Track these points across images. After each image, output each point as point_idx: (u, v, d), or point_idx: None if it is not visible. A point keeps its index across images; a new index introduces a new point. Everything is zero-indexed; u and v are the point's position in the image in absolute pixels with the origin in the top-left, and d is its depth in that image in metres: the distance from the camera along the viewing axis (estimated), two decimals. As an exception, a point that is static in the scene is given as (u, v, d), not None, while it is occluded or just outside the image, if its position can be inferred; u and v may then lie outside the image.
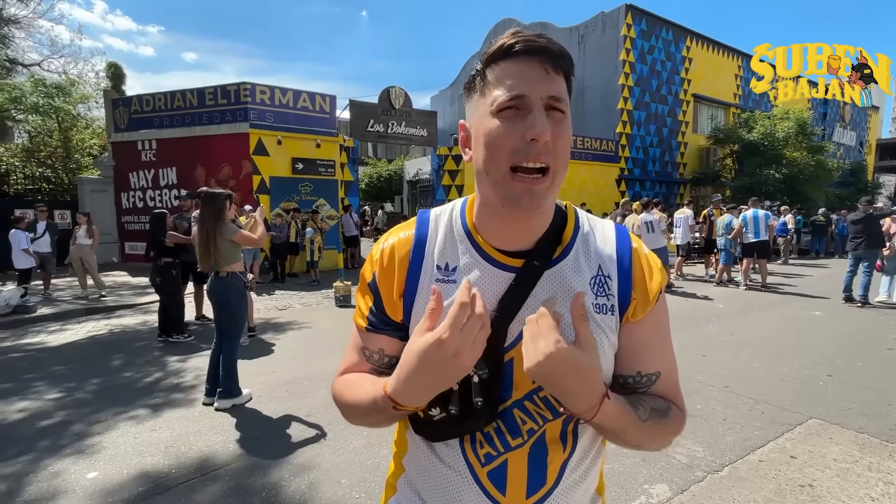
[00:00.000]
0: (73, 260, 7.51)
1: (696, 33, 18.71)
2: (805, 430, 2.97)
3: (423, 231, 0.71)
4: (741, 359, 4.39)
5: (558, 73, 0.60)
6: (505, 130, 0.59)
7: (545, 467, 0.66)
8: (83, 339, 5.43)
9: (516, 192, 0.60)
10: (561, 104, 0.60)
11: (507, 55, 0.60)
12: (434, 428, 0.65)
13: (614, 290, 0.67)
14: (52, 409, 3.38)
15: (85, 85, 15.37)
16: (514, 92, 0.58)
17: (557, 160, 0.60)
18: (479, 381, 0.62)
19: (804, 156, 16.81)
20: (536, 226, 0.67)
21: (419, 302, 0.67)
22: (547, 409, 0.66)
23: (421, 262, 0.69)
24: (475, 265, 0.67)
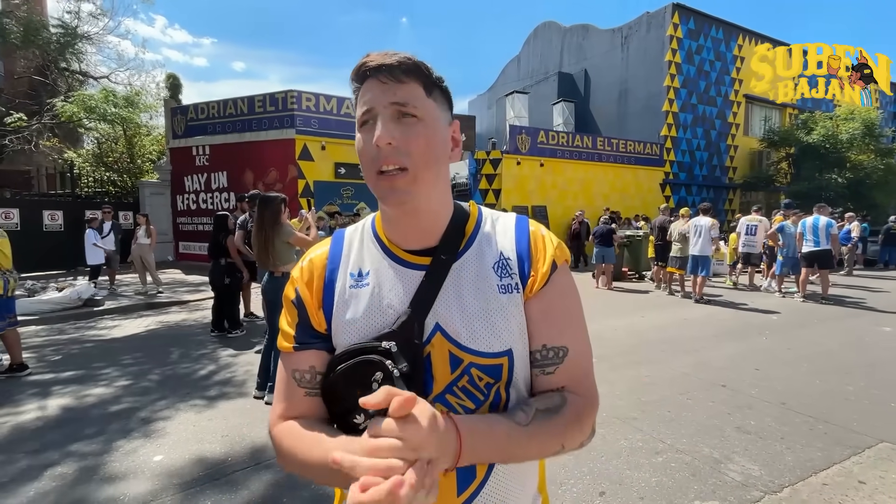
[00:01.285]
0: (134, 258, 8.08)
1: (748, 31, 17.83)
2: (875, 454, 2.76)
3: (338, 246, 0.76)
4: (800, 374, 4.14)
5: (403, 81, 0.64)
6: (363, 142, 0.66)
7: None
8: (144, 331, 5.83)
9: (383, 190, 0.65)
10: (408, 108, 0.64)
11: (362, 78, 0.66)
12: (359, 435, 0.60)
13: (515, 268, 0.71)
14: (120, 396, 3.66)
15: (147, 95, 16.54)
16: (364, 107, 0.65)
17: (414, 159, 0.64)
18: (401, 376, 0.61)
19: (872, 159, 15.63)
20: (433, 223, 0.71)
21: (336, 311, 0.70)
22: (468, 399, 0.67)
23: (336, 274, 0.73)
24: (385, 267, 0.71)
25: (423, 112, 0.65)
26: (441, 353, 0.67)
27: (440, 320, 0.67)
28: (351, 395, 0.62)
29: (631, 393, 3.64)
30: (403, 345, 0.64)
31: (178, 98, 18.16)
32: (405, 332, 0.66)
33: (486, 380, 0.67)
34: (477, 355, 0.67)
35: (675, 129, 16.51)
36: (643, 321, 6.28)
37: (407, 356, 0.64)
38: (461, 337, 0.67)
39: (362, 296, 0.70)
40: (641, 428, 3.05)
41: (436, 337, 0.67)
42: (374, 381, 0.62)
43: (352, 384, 0.64)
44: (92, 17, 15.29)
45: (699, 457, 2.68)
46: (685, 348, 4.96)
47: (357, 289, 0.71)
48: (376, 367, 0.62)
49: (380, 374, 0.62)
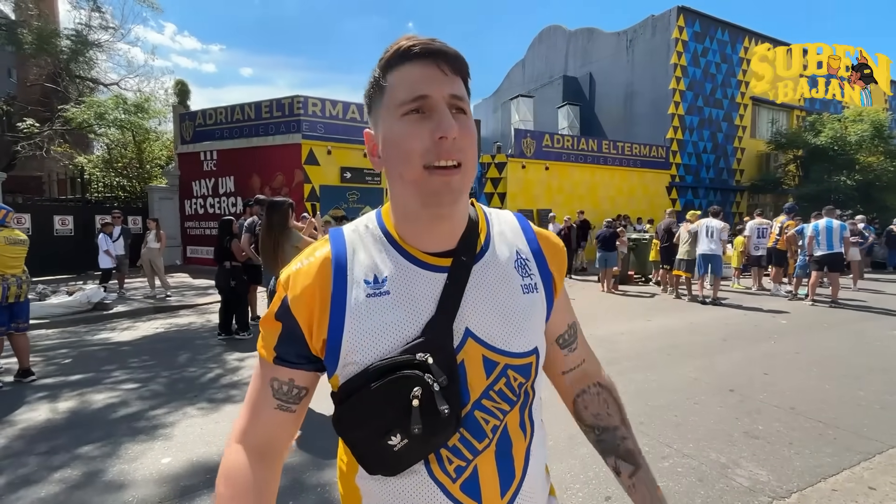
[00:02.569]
0: (143, 262, 8.18)
1: (754, 33, 17.77)
2: (886, 459, 2.72)
3: (341, 248, 0.66)
4: (809, 379, 4.09)
5: (456, 74, 0.61)
6: (413, 132, 0.59)
7: (512, 460, 0.66)
8: (152, 335, 5.88)
9: (434, 187, 0.59)
10: (462, 103, 0.61)
11: (405, 58, 0.60)
12: (395, 459, 0.60)
13: (534, 269, 0.72)
14: (129, 398, 3.70)
15: (156, 101, 16.78)
16: (416, 93, 0.59)
17: (467, 156, 0.61)
18: (441, 389, 0.58)
19: (881, 161, 15.46)
20: (456, 224, 0.67)
21: (351, 323, 0.62)
22: (504, 401, 0.65)
23: (345, 281, 0.63)
24: (405, 271, 0.65)
25: (469, 109, 0.64)
26: (475, 358, 0.64)
27: (469, 324, 0.64)
28: (385, 415, 0.59)
29: (638, 397, 3.61)
30: (438, 354, 0.60)
31: (187, 104, 18.37)
32: (437, 341, 0.61)
33: (520, 380, 0.67)
34: (512, 356, 0.66)
35: (682, 132, 16.44)
36: (650, 325, 6.25)
37: (443, 367, 0.60)
38: (494, 339, 0.65)
39: (383, 305, 0.63)
40: (648, 433, 3.03)
41: (468, 343, 0.64)
42: (413, 398, 0.58)
43: (389, 403, 0.59)
44: (102, 28, 15.55)
45: (706, 462, 2.66)
46: (693, 352, 4.92)
47: (376, 297, 0.63)
48: (414, 382, 0.58)
49: (418, 388, 0.58)
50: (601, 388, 0.82)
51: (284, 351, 0.65)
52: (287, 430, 0.67)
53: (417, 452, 0.61)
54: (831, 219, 7.66)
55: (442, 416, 0.58)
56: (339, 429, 0.62)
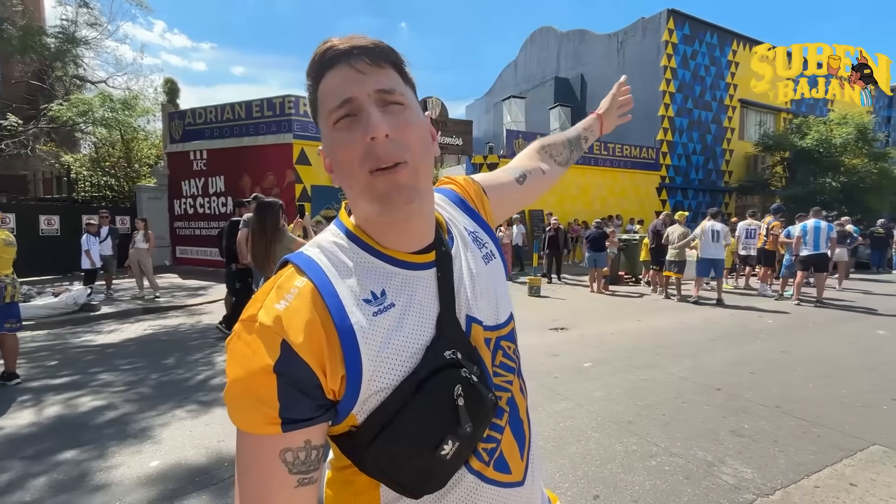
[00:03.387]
0: (131, 262, 8.09)
1: (743, 36, 18.02)
2: (867, 456, 2.79)
3: (318, 273, 0.57)
4: (794, 378, 4.16)
5: (380, 66, 0.57)
6: (345, 140, 0.56)
7: (521, 423, 0.70)
8: (141, 336, 5.82)
9: (383, 191, 0.56)
10: (394, 96, 0.57)
11: (325, 66, 0.57)
12: (447, 468, 0.58)
13: (484, 237, 0.75)
14: (117, 401, 3.66)
15: (145, 99, 16.56)
16: (339, 99, 0.56)
17: (412, 151, 0.57)
18: (479, 379, 0.59)
19: (865, 163, 15.76)
20: (427, 219, 0.64)
21: (366, 348, 0.54)
22: (507, 371, 0.69)
23: (341, 306, 0.55)
24: (399, 278, 0.61)
25: (407, 99, 0.59)
26: (479, 341, 0.65)
27: (468, 311, 0.65)
28: (435, 426, 0.55)
29: (628, 397, 3.65)
30: (460, 347, 0.60)
31: (176, 103, 18.18)
32: (453, 334, 0.60)
33: (512, 346, 0.70)
34: (499, 328, 0.69)
35: (671, 134, 16.63)
36: (640, 325, 6.31)
37: (469, 357, 0.60)
38: (486, 318, 0.67)
39: (392, 320, 0.57)
40: (637, 432, 3.06)
41: (472, 327, 0.64)
42: (458, 397, 0.55)
43: (436, 411, 0.56)
44: (88, 25, 15.32)
45: (693, 460, 2.70)
46: (682, 352, 4.98)
47: (382, 314, 0.57)
48: (453, 381, 0.56)
49: (459, 387, 0.56)
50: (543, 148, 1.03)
51: (295, 410, 0.51)
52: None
53: (465, 452, 0.59)
54: (819, 220, 7.80)
55: (486, 406, 0.59)
56: (377, 466, 0.55)
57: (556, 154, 1.03)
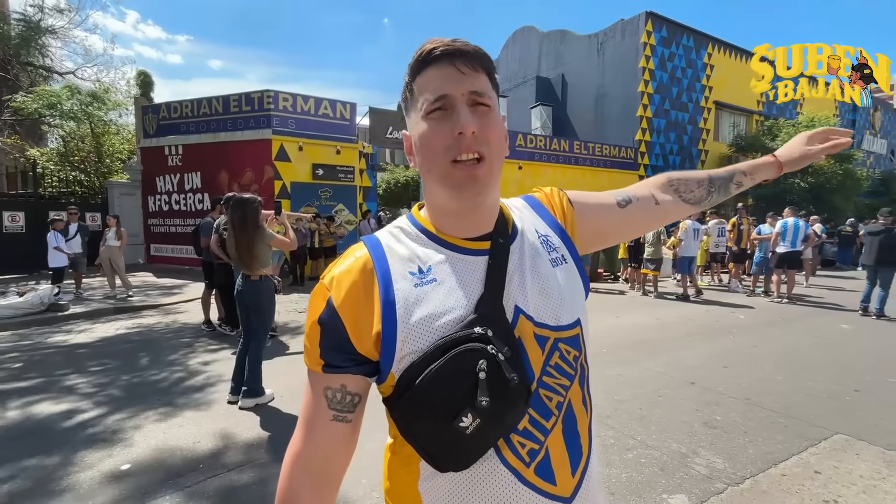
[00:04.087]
0: (102, 260, 7.80)
1: (717, 40, 18.46)
2: (830, 445, 2.91)
3: (378, 248, 0.68)
4: (764, 371, 4.31)
5: (477, 70, 0.64)
6: (436, 130, 0.63)
7: (578, 437, 0.68)
8: (112, 336, 5.63)
9: (459, 180, 0.63)
10: (484, 98, 0.64)
11: (427, 62, 0.64)
12: (468, 445, 0.59)
13: (557, 242, 0.75)
14: (86, 404, 3.53)
15: (116, 92, 16.00)
16: (437, 94, 0.63)
17: (491, 148, 0.64)
18: (507, 359, 0.59)
19: (831, 164, 16.36)
20: (489, 211, 0.70)
21: (403, 314, 0.62)
22: (563, 376, 0.67)
23: (389, 277, 0.65)
24: (447, 259, 0.67)
25: (493, 103, 0.66)
26: (528, 335, 0.65)
27: (517, 302, 0.66)
28: (453, 394, 0.58)
29: (605, 392, 3.72)
30: (496, 328, 0.61)
31: (150, 96, 17.62)
32: (492, 315, 0.63)
33: (573, 353, 0.69)
34: (559, 330, 0.68)
35: (649, 134, 16.95)
36: (619, 321, 6.43)
37: (503, 339, 0.61)
38: (541, 315, 0.67)
39: (431, 292, 0.64)
40: (614, 426, 3.13)
41: (520, 319, 0.65)
42: (479, 371, 0.57)
43: (456, 380, 0.58)
44: (57, 11, 14.71)
45: (668, 452, 2.77)
46: (658, 348, 5.10)
47: (423, 286, 0.64)
48: (478, 354, 0.58)
49: (483, 361, 0.58)
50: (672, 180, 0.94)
51: (332, 357, 0.64)
52: (345, 445, 0.66)
53: (491, 434, 0.60)
54: (796, 218, 8.09)
55: (511, 386, 0.58)
56: (404, 424, 0.63)
57: (683, 190, 0.93)
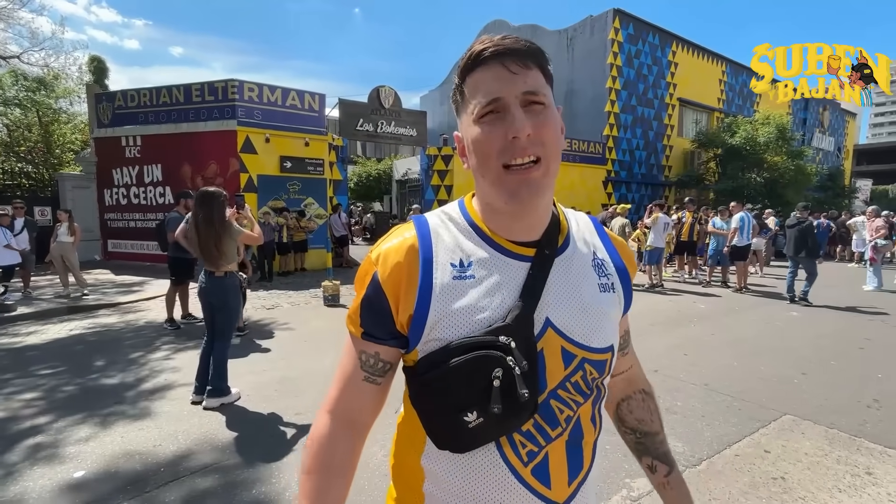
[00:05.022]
0: (53, 258, 7.37)
1: (681, 38, 19.05)
2: (779, 425, 3.09)
3: (426, 232, 0.70)
4: (722, 358, 4.53)
5: (529, 68, 0.62)
6: (488, 134, 0.61)
7: (581, 450, 0.68)
8: (66, 337, 5.34)
9: (513, 186, 0.62)
10: (538, 97, 0.62)
11: (477, 63, 0.63)
12: (468, 436, 0.62)
13: (612, 270, 0.74)
14: (36, 409, 3.34)
15: (67, 79, 15.04)
16: (489, 97, 0.61)
17: (547, 148, 0.62)
18: (522, 374, 0.60)
19: (784, 160, 17.23)
20: (540, 217, 0.69)
21: (437, 301, 0.65)
22: (578, 393, 0.67)
23: (431, 262, 0.67)
24: (489, 258, 0.67)
25: (548, 99, 0.63)
26: (554, 348, 0.65)
27: (550, 315, 0.66)
28: (464, 391, 0.61)
29: (572, 381, 3.82)
30: (520, 340, 0.62)
31: (105, 83, 16.63)
32: (519, 327, 0.63)
33: (595, 374, 0.68)
34: (590, 351, 0.67)
35: (617, 129, 17.37)
36: (586, 312, 6.60)
37: (524, 352, 0.62)
38: (574, 332, 0.66)
39: (468, 287, 0.66)
40: (580, 414, 3.22)
41: (548, 332, 0.65)
42: (494, 378, 0.60)
43: (470, 380, 0.61)
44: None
45: (631, 438, 2.87)
46: (623, 337, 5.26)
47: (461, 280, 0.66)
48: (497, 362, 0.60)
49: (500, 370, 0.60)
50: (645, 394, 0.87)
51: (371, 326, 0.68)
52: (373, 401, 0.71)
53: (491, 432, 0.63)
54: (748, 213, 8.50)
55: (520, 400, 0.60)
56: (415, 398, 0.67)
57: (633, 409, 0.86)
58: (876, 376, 4.04)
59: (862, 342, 5.13)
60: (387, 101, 11.98)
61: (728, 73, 20.85)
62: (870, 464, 2.61)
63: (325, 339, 5.14)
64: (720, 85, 20.86)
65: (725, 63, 20.77)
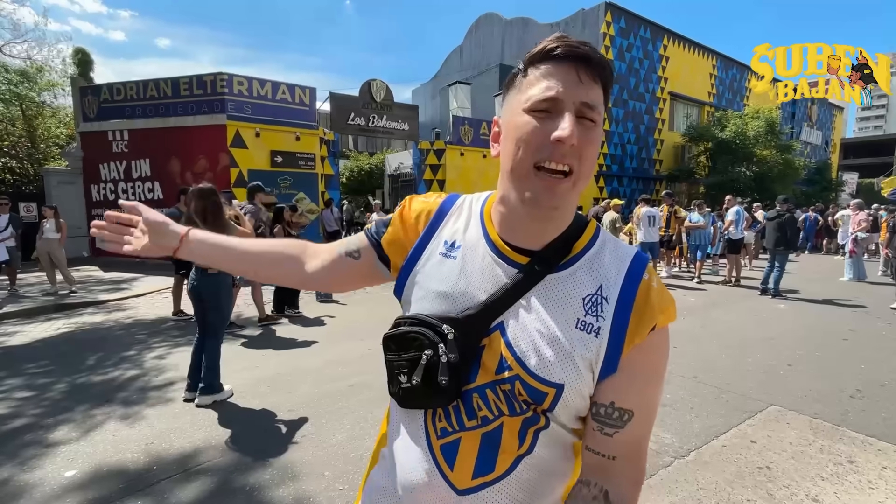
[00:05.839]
0: (40, 254, 7.26)
1: (672, 32, 19.11)
2: (765, 416, 3.16)
3: (448, 206, 0.77)
4: (710, 350, 4.60)
5: (595, 81, 0.61)
6: (533, 128, 0.60)
7: (496, 455, 0.66)
8: (54, 335, 5.28)
9: (537, 189, 0.61)
10: (593, 113, 0.61)
11: (549, 58, 0.61)
12: (402, 394, 0.69)
13: (608, 313, 0.64)
14: (22, 409, 3.31)
15: (51, 71, 14.72)
16: (549, 93, 0.60)
17: (582, 164, 0.61)
18: (448, 363, 0.64)
19: (773, 154, 17.43)
20: (550, 228, 0.67)
21: (419, 266, 0.74)
22: (505, 403, 0.65)
23: (434, 231, 0.75)
24: (479, 251, 0.70)
25: (599, 119, 0.63)
26: (494, 350, 0.66)
27: (506, 322, 0.66)
28: (402, 357, 0.69)
29: (564, 375, 3.86)
30: (462, 336, 0.66)
31: (90, 76, 16.32)
32: (469, 325, 0.66)
33: (526, 398, 0.64)
34: (527, 372, 0.63)
35: (609, 123, 17.42)
36: (578, 306, 6.65)
37: (461, 347, 0.65)
38: (519, 347, 0.64)
39: (446, 267, 0.71)
40: (572, 407, 3.26)
41: (495, 334, 0.66)
42: (424, 354, 0.66)
43: (404, 347, 0.68)
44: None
45: (621, 430, 2.92)
46: (614, 330, 5.32)
47: (445, 258, 0.71)
48: (429, 344, 0.65)
49: (430, 351, 0.65)
50: (605, 498, 0.66)
51: (376, 237, 0.81)
52: (340, 266, 0.84)
53: (416, 400, 0.69)
54: (739, 207, 8.61)
55: (441, 385, 0.64)
56: (387, 342, 0.72)
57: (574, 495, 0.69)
58: (859, 367, 4.14)
59: (846, 333, 5.24)
60: (378, 95, 11.90)
61: (719, 67, 20.98)
62: (852, 452, 2.68)
63: (317, 335, 5.14)
64: (711, 79, 20.99)
65: (716, 57, 20.89)
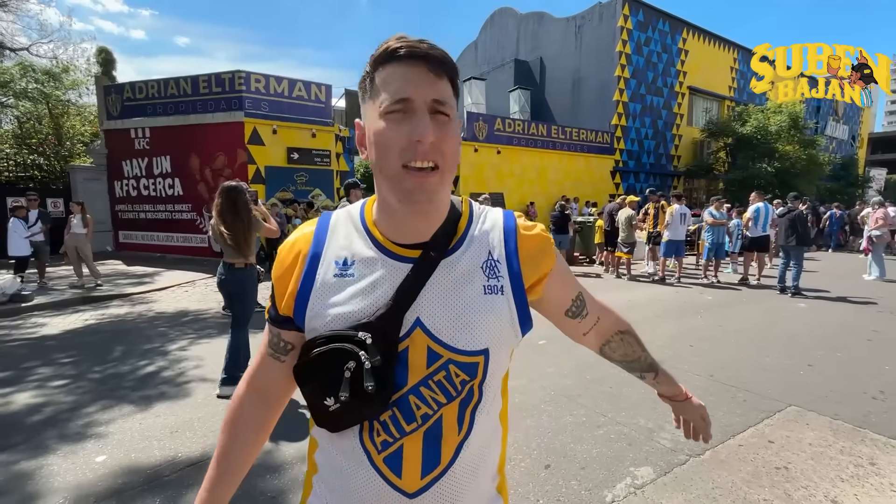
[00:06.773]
0: (67, 249, 7.52)
1: (692, 25, 18.69)
2: (783, 416, 3.12)
3: (323, 230, 0.75)
4: (727, 349, 4.54)
5: (441, 77, 0.64)
6: (392, 132, 0.62)
7: (439, 448, 0.68)
8: (81, 327, 5.48)
9: (409, 187, 0.63)
10: (445, 107, 0.64)
11: (392, 59, 0.63)
12: (332, 418, 0.67)
13: (504, 271, 0.72)
14: (55, 397, 3.46)
15: (76, 70, 15.13)
16: (399, 95, 0.62)
17: (445, 159, 0.64)
18: (372, 368, 0.63)
19: (796, 149, 16.97)
20: (431, 220, 0.71)
21: (315, 295, 0.70)
22: (441, 393, 0.68)
23: (319, 258, 0.72)
24: (374, 258, 0.70)
25: (453, 113, 0.66)
26: (419, 347, 0.67)
27: (422, 315, 0.68)
28: (322, 380, 0.66)
29: (578, 372, 3.86)
30: (379, 337, 0.65)
31: (112, 74, 16.72)
32: (383, 325, 0.66)
33: (463, 377, 0.68)
34: (455, 352, 0.68)
35: (625, 119, 17.18)
36: (592, 304, 6.61)
37: (381, 349, 0.65)
38: (441, 333, 0.68)
39: (347, 285, 0.69)
40: (585, 404, 3.26)
41: (415, 331, 0.67)
42: (346, 369, 0.63)
43: (324, 369, 0.65)
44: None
45: (635, 427, 2.92)
46: (629, 328, 5.29)
47: (342, 277, 0.70)
48: (349, 356, 0.64)
49: (352, 363, 0.63)
50: (623, 334, 0.95)
51: (273, 312, 0.76)
52: (279, 376, 0.78)
53: (349, 418, 0.67)
54: (766, 203, 8.32)
55: (368, 392, 0.63)
56: (297, 381, 0.71)
57: (614, 348, 0.96)
58: (883, 368, 4.04)
59: (870, 334, 5.11)
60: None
61: (740, 60, 20.46)
62: (873, 454, 2.64)
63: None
64: (731, 73, 20.49)
65: (737, 50, 20.38)
